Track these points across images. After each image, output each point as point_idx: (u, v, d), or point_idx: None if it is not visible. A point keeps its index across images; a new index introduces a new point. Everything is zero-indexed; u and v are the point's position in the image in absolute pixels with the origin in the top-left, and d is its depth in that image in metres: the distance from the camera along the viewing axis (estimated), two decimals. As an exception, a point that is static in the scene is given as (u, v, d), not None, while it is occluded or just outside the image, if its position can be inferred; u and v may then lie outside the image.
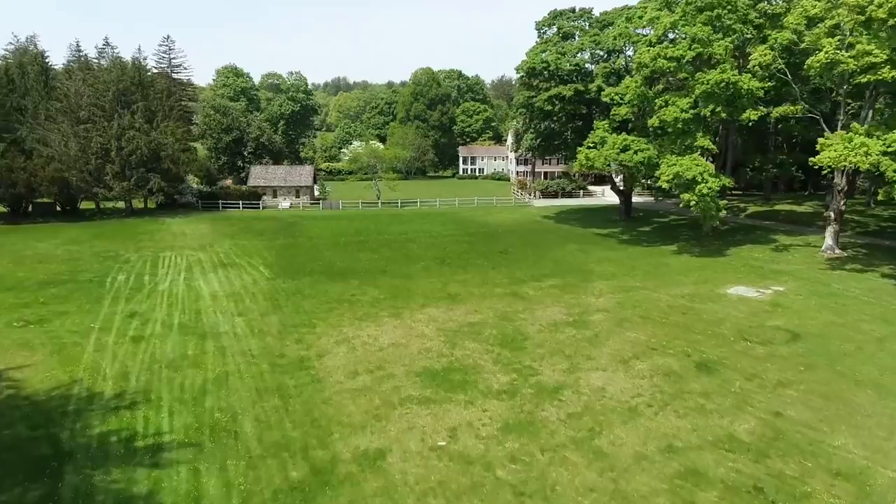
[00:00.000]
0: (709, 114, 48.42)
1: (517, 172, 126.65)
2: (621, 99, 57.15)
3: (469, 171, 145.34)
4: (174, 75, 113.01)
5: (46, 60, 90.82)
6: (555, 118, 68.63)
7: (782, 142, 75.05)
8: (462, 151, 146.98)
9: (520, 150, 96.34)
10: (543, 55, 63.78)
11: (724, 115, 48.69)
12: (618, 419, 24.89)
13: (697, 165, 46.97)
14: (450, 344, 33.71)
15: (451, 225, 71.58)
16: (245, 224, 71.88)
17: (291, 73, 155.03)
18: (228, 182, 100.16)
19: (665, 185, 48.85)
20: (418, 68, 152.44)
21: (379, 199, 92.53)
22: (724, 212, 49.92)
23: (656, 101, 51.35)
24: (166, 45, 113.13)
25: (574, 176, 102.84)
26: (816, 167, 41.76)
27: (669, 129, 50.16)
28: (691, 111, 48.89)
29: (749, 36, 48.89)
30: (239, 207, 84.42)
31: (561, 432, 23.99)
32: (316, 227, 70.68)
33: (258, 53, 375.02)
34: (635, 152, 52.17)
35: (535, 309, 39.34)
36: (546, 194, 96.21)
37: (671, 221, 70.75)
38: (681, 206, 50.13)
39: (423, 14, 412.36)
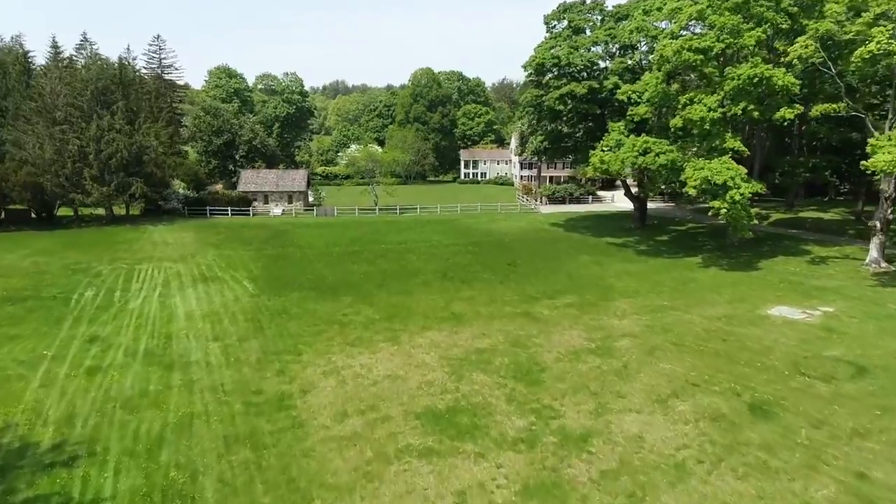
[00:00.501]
0: (740, 112, 43.73)
1: (521, 177, 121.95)
2: (639, 97, 52.57)
3: (471, 176, 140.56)
4: (165, 76, 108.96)
5: (30, 61, 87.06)
6: (565, 118, 63.98)
7: (805, 144, 70.67)
8: (463, 155, 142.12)
9: (525, 154, 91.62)
10: (553, 50, 59.10)
11: (756, 114, 43.97)
12: (663, 480, 20.37)
13: (729, 169, 42.26)
14: (455, 376, 29.21)
15: (453, 233, 66.81)
16: (232, 232, 67.13)
17: (286, 73, 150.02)
18: (218, 187, 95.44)
19: (692, 191, 44.18)
20: (418, 69, 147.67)
21: (376, 204, 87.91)
22: (756, 221, 45.16)
23: (680, 98, 46.63)
24: (156, 45, 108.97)
25: (582, 181, 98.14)
26: (847, 172, 37.27)
27: (695, 130, 45.51)
28: (719, 110, 44.19)
29: (784, 26, 44.18)
30: (228, 214, 79.58)
31: (594, 498, 19.61)
32: (308, 235, 65.96)
33: (256, 57, 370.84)
34: (657, 155, 47.47)
35: (550, 332, 34.78)
36: (553, 200, 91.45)
37: (689, 229, 66.05)
38: (710, 213, 45.37)
39: (422, 18, 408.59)
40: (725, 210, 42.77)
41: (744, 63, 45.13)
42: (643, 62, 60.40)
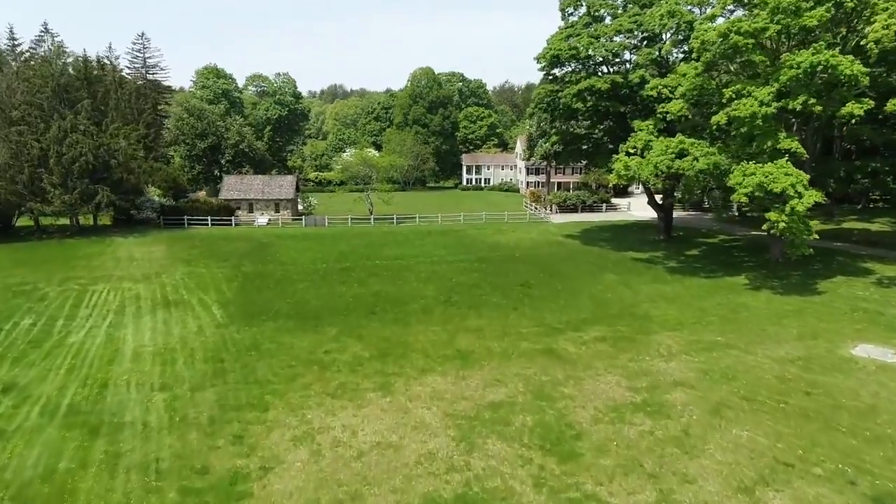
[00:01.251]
0: (799, 107, 36.85)
1: (528, 183, 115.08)
2: (671, 92, 45.78)
3: (473, 182, 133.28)
4: (149, 76, 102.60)
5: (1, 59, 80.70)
6: (582, 117, 57.04)
7: (844, 147, 63.81)
8: (465, 159, 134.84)
9: (533, 158, 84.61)
10: (570, 41, 52.18)
11: (818, 109, 37.12)
12: None
13: (788, 175, 35.35)
14: (465, 444, 22.38)
15: (455, 247, 59.66)
16: (208, 245, 59.95)
17: (279, 74, 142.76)
18: (201, 194, 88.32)
19: (742, 199, 37.43)
20: (417, 68, 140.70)
21: (371, 213, 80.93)
22: (816, 235, 38.17)
23: (724, 91, 39.74)
24: (140, 44, 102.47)
25: (594, 187, 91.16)
26: None
27: (743, 129, 38.57)
28: (773, 104, 37.29)
29: (849, 4, 37.34)
30: (208, 224, 72.36)
31: None
32: (293, 248, 58.81)
33: (255, 62, 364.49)
34: (695, 158, 40.58)
35: (581, 378, 27.83)
36: (564, 208, 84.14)
37: (721, 242, 58.98)
38: (764, 227, 38.46)
39: (422, 21, 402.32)
40: (784, 224, 35.76)
41: (800, 49, 38.33)
42: (667, 56, 53.75)
